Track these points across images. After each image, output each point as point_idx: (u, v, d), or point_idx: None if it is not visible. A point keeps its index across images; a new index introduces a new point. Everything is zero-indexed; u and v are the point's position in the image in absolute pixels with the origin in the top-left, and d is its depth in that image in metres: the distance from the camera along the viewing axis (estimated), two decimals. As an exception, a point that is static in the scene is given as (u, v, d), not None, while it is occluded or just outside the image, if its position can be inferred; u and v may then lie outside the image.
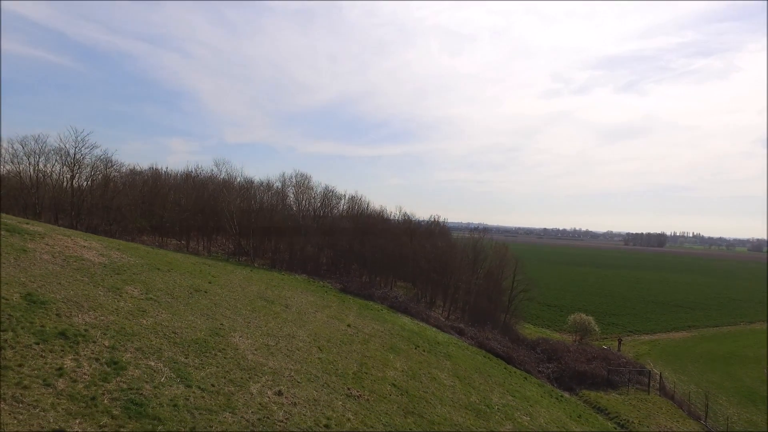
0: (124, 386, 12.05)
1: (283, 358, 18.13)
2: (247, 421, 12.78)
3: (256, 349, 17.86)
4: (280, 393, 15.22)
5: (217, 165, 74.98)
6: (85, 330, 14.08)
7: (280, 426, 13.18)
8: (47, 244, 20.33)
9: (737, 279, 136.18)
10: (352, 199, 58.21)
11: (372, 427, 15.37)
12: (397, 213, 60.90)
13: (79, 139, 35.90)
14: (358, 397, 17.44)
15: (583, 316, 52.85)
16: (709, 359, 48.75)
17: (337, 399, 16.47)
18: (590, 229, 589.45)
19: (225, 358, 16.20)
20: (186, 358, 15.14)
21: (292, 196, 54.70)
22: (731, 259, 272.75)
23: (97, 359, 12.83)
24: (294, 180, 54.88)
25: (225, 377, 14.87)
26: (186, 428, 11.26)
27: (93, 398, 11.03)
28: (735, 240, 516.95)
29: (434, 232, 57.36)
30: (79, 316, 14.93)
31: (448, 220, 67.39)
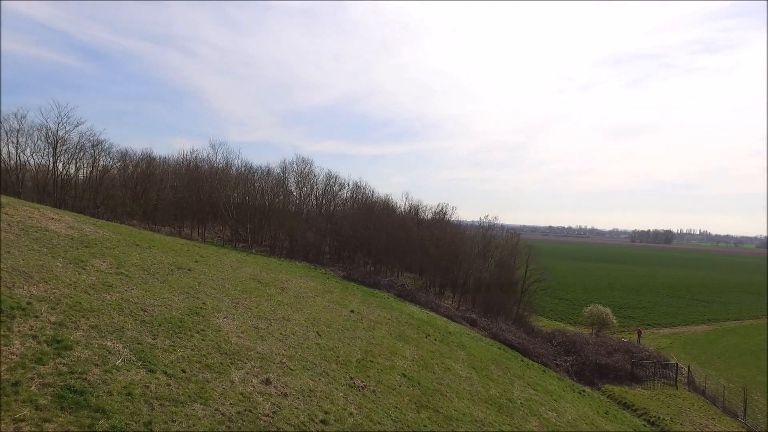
0: (64, 369, 9.45)
1: (274, 343, 15.49)
2: (223, 414, 10.16)
3: (242, 332, 15.22)
4: (267, 382, 12.58)
5: (213, 147, 71.38)
6: (28, 303, 11.48)
7: (264, 421, 10.54)
8: (6, 213, 17.76)
9: (750, 274, 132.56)
10: (356, 185, 55.56)
11: (379, 423, 12.72)
12: (403, 201, 58.02)
13: (62, 114, 33.45)
14: (362, 387, 14.78)
15: (600, 307, 49.96)
16: (736, 353, 45.82)
17: (337, 390, 13.82)
18: (596, 227, 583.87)
19: (203, 340, 13.56)
20: (154, 339, 12.52)
21: (293, 182, 52.07)
22: (740, 255, 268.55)
23: (34, 337, 10.24)
24: (295, 166, 52.25)
25: (200, 362, 12.24)
26: (139, 423, 8.65)
27: (15, 384, 8.43)
28: (742, 237, 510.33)
29: (442, 219, 54.57)
30: (25, 287, 12.33)
31: (455, 217, 64.42)
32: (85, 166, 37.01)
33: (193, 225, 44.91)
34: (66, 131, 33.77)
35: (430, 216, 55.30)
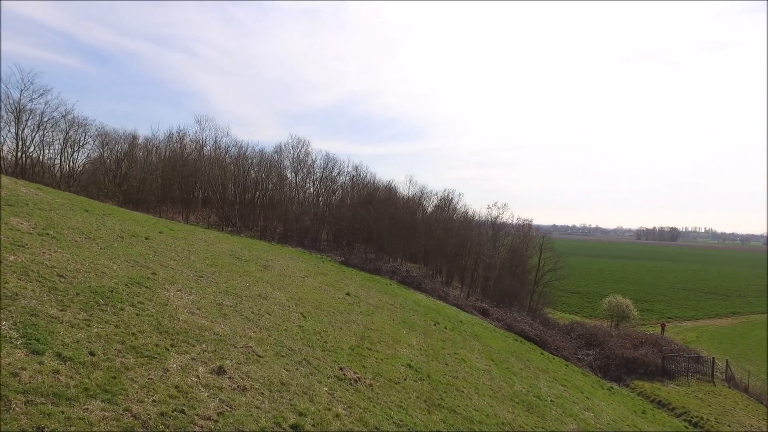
0: None
1: (241, 322, 11.91)
2: (135, 417, 6.60)
3: (198, 308, 11.65)
4: (221, 371, 9.01)
5: (198, 122, 66.17)
6: None
7: (201, 426, 6.99)
8: None
9: (764, 269, 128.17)
10: (356, 169, 51.72)
11: (377, 427, 9.19)
12: (407, 185, 54.10)
13: (25, 80, 29.98)
14: (355, 380, 11.20)
15: (620, 298, 46.28)
16: (770, 347, 42.00)
17: (320, 383, 10.24)
18: (600, 225, 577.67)
19: (137, 315, 10.00)
20: (61, 310, 8.97)
21: (288, 165, 48.41)
22: (749, 251, 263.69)
23: None
24: (290, 148, 48.57)
25: (124, 342, 8.69)
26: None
27: None
28: (748, 235, 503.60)
29: (449, 205, 50.85)
30: None
31: (461, 204, 60.46)
32: (56, 140, 33.56)
33: (176, 208, 41.29)
34: (31, 99, 30.33)
35: (436, 202, 51.61)
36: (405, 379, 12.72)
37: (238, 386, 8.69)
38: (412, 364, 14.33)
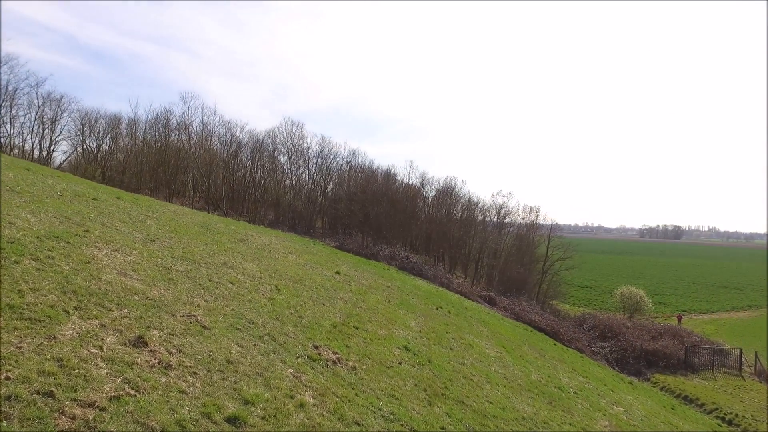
0: None
1: (189, 289, 9.37)
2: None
3: (134, 270, 9.11)
4: (139, 342, 6.50)
5: (183, 99, 63.14)
6: None
7: (72, 416, 4.48)
8: None
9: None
10: (354, 154, 49.06)
11: (358, 423, 6.69)
12: (407, 170, 51.44)
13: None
14: (334, 362, 8.66)
15: (633, 289, 43.73)
16: (795, 340, 39.35)
17: (285, 363, 7.72)
18: (602, 224, 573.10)
19: (40, 270, 7.49)
20: None
21: (283, 151, 45.84)
22: (754, 248, 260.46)
23: None
24: (284, 131, 45.92)
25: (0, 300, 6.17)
26: None
27: None
28: (752, 233, 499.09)
29: (451, 192, 48.21)
30: None
31: (465, 191, 57.86)
32: (31, 112, 31.08)
33: (161, 193, 38.85)
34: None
35: (438, 187, 48.95)
36: (400, 363, 10.19)
37: (159, 362, 6.16)
38: (409, 346, 11.79)
